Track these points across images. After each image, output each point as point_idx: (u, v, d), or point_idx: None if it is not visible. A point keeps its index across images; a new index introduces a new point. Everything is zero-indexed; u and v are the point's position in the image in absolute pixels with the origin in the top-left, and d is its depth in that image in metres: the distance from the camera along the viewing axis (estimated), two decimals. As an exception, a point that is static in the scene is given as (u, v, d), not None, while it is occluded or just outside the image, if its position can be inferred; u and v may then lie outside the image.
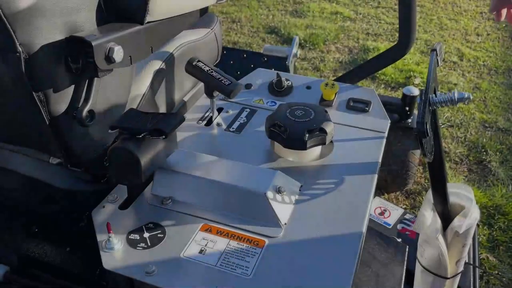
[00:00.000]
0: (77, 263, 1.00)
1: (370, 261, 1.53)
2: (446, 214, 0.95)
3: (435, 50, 0.89)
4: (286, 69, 1.94)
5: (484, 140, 2.56)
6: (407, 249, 1.60)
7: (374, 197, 1.85)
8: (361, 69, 1.16)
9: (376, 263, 1.53)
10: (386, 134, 1.03)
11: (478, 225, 1.71)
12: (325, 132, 0.90)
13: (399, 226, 1.75)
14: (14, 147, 0.98)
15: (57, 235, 1.05)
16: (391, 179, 2.12)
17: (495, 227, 2.05)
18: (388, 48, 1.12)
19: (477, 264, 1.30)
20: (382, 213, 1.81)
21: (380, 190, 2.21)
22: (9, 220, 1.09)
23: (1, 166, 1.03)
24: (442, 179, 0.90)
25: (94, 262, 0.75)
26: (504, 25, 3.89)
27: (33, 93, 0.71)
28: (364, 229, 0.79)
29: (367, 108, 1.07)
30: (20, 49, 0.66)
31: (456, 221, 0.93)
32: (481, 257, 1.94)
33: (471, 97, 0.81)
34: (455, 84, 3.04)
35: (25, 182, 1.04)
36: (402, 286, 1.45)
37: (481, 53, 3.45)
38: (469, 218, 0.92)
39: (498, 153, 2.46)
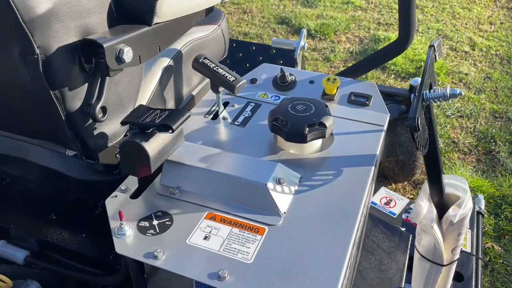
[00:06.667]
0: (92, 248, 1.06)
1: (374, 249, 1.58)
2: (442, 204, 0.99)
3: (432, 46, 0.92)
4: (294, 61, 1.98)
5: (494, 130, 2.56)
6: (410, 238, 1.64)
7: (380, 187, 1.88)
8: (362, 64, 1.19)
9: (380, 251, 1.58)
10: (385, 128, 1.06)
11: (482, 215, 1.74)
12: (325, 126, 0.94)
13: (404, 216, 1.79)
14: (33, 140, 1.05)
15: (74, 222, 1.12)
16: (398, 169, 2.15)
17: (502, 216, 2.08)
18: (388, 44, 1.15)
19: (481, 254, 1.33)
20: (387, 203, 1.85)
21: (388, 180, 2.24)
22: (29, 208, 1.16)
23: (21, 157, 1.10)
24: (438, 171, 0.94)
25: (108, 247, 0.81)
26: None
27: (50, 91, 0.77)
28: (360, 216, 0.84)
29: (367, 102, 1.11)
30: (38, 52, 0.72)
31: (451, 211, 0.97)
32: (486, 246, 1.97)
33: (463, 93, 0.84)
34: (466, 74, 3.04)
35: (44, 173, 1.11)
36: (405, 273, 1.50)
37: (493, 42, 3.43)
38: (464, 208, 0.96)
39: (507, 144, 2.46)
